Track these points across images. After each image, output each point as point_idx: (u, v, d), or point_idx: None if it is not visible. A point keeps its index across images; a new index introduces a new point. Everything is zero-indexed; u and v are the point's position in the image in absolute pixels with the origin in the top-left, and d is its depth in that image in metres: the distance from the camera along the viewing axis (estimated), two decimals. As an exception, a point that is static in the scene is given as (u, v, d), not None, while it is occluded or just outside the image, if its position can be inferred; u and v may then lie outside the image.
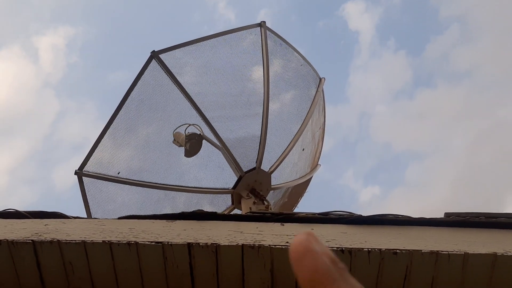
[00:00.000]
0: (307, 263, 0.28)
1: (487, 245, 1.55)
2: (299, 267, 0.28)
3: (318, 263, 0.27)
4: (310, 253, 0.28)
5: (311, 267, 0.27)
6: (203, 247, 1.49)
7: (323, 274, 0.27)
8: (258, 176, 3.86)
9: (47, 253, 1.50)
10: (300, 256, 0.28)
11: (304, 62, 4.62)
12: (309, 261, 0.28)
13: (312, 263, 0.27)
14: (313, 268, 0.27)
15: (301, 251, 0.28)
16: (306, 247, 0.28)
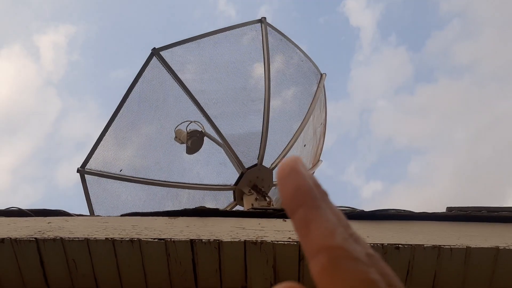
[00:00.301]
0: (290, 181, 0.29)
1: (489, 239, 1.55)
2: (284, 185, 0.29)
3: (301, 182, 0.29)
4: (294, 173, 0.29)
5: (294, 185, 0.28)
6: (205, 243, 1.50)
7: (304, 192, 0.28)
8: (260, 172, 3.86)
9: (50, 250, 1.51)
10: (285, 175, 0.29)
11: (305, 58, 4.61)
12: (293, 180, 0.29)
13: (296, 182, 0.29)
14: (295, 186, 0.28)
15: (286, 170, 0.29)
16: (292, 167, 0.29)
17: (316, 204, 0.28)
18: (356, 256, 0.25)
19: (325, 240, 0.26)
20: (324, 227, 0.27)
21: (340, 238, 0.26)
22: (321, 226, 0.27)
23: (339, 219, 0.28)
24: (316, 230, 0.27)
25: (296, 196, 0.28)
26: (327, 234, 0.26)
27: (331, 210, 0.28)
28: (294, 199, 0.28)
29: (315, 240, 0.26)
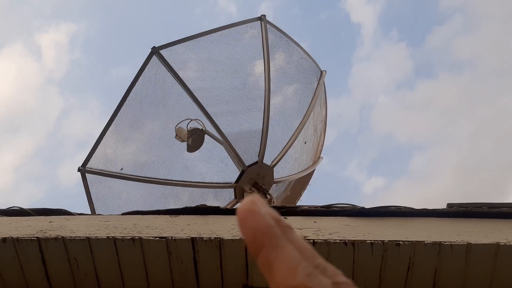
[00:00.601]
0: (249, 224, 0.28)
1: (490, 235, 1.55)
2: (243, 229, 0.29)
3: (259, 223, 0.28)
4: (251, 215, 0.29)
5: (253, 227, 0.28)
6: (206, 241, 1.50)
7: (264, 232, 0.28)
8: (260, 170, 3.86)
9: (52, 249, 1.52)
10: (242, 219, 0.29)
11: (304, 55, 4.61)
12: (251, 221, 0.28)
13: (254, 223, 0.28)
14: (255, 228, 0.28)
15: (243, 214, 0.29)
16: (249, 209, 0.29)
17: (275, 243, 0.27)
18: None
19: (287, 280, 0.26)
20: (285, 267, 0.26)
21: (302, 275, 0.26)
22: (282, 265, 0.26)
23: (302, 252, 0.27)
24: (278, 270, 0.26)
25: (255, 238, 0.28)
26: (289, 273, 0.26)
27: (293, 245, 0.27)
28: (254, 242, 0.28)
29: (278, 280, 0.26)
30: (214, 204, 3.87)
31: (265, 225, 0.28)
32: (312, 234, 1.52)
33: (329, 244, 1.48)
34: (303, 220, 1.68)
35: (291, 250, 0.27)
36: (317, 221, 1.67)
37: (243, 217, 0.29)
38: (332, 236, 1.52)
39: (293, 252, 0.27)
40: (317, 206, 1.82)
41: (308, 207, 1.83)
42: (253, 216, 0.29)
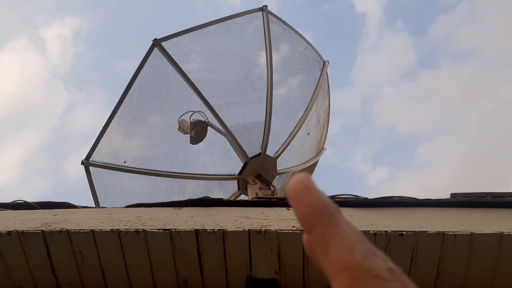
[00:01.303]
0: (304, 199, 0.28)
1: (494, 224, 1.55)
2: (297, 203, 0.28)
3: (315, 199, 0.28)
4: (308, 190, 0.28)
5: (308, 203, 0.28)
6: (210, 233, 1.51)
7: (321, 209, 0.28)
8: (263, 161, 3.86)
9: (56, 242, 1.53)
10: (297, 193, 0.29)
11: (307, 46, 4.58)
12: (307, 197, 0.28)
13: (310, 199, 0.28)
14: (311, 203, 0.28)
15: (299, 188, 0.29)
16: (304, 184, 0.29)
17: (333, 221, 0.27)
18: (377, 273, 0.25)
19: (345, 258, 0.26)
20: (343, 245, 0.26)
21: (360, 255, 0.25)
22: (340, 243, 0.26)
23: (356, 234, 0.27)
24: (335, 248, 0.26)
25: (310, 214, 0.28)
26: (347, 252, 0.26)
27: (348, 226, 0.27)
28: (309, 218, 0.28)
29: (334, 259, 0.26)
30: (219, 196, 3.88)
31: (322, 202, 0.28)
32: (315, 225, 1.53)
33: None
34: (306, 211, 1.68)
35: (348, 230, 0.27)
36: (320, 212, 1.67)
37: (298, 191, 0.29)
38: (335, 227, 1.52)
39: (350, 231, 0.27)
40: (320, 197, 1.82)
41: (311, 198, 1.83)
42: (309, 191, 0.28)
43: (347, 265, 0.25)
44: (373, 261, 0.25)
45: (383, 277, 0.24)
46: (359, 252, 0.26)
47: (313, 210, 0.28)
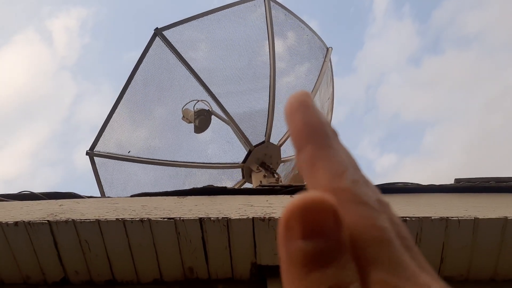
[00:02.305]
0: (299, 115, 0.26)
1: (498, 209, 1.55)
2: (292, 119, 0.26)
3: (311, 118, 0.26)
4: (304, 107, 0.26)
5: (303, 120, 0.26)
6: (214, 221, 1.52)
7: (315, 128, 0.25)
8: (267, 149, 3.87)
9: (63, 232, 1.54)
10: (294, 109, 0.26)
11: (310, 32, 4.55)
12: (303, 114, 0.26)
13: (306, 117, 0.26)
14: (305, 121, 0.26)
15: (295, 104, 0.26)
16: (302, 101, 0.27)
17: (327, 143, 0.25)
18: (365, 200, 0.23)
19: (333, 182, 0.23)
20: (332, 168, 0.24)
21: (349, 181, 0.23)
22: (330, 166, 0.24)
23: (350, 160, 0.25)
24: (324, 170, 0.24)
25: (305, 131, 0.25)
26: (336, 175, 0.24)
27: (342, 150, 0.25)
28: (303, 135, 0.25)
29: (321, 181, 0.24)
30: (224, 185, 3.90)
31: (318, 121, 0.26)
32: (319, 212, 1.53)
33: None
34: (310, 199, 1.69)
35: (342, 154, 0.25)
36: (323, 199, 1.68)
37: (295, 107, 0.26)
38: (338, 214, 1.52)
39: (344, 156, 0.25)
40: (324, 184, 1.82)
41: (315, 185, 1.83)
42: (306, 108, 0.26)
43: (334, 188, 0.23)
44: (362, 188, 0.23)
45: (371, 205, 0.23)
46: (349, 177, 0.23)
47: (306, 128, 0.25)
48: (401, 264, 0.21)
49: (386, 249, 0.21)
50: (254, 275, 1.57)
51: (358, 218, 0.22)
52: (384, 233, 0.21)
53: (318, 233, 0.21)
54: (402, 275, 0.20)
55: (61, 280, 1.59)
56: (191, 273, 1.58)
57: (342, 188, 0.23)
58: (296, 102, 0.26)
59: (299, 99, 0.27)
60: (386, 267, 0.21)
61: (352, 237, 0.21)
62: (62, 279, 1.59)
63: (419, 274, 0.21)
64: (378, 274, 0.20)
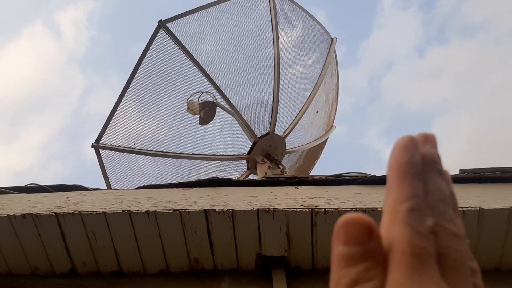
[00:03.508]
0: (398, 154, 0.30)
1: (503, 200, 1.55)
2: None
3: (405, 157, 0.30)
4: (408, 146, 0.30)
5: (396, 159, 0.30)
6: (219, 213, 1.53)
7: (402, 169, 0.30)
8: (272, 140, 3.87)
9: (70, 224, 1.56)
10: (397, 147, 0.31)
11: (314, 23, 4.52)
12: (401, 152, 0.30)
13: (401, 155, 0.30)
14: (398, 160, 0.30)
15: (402, 143, 0.31)
16: (409, 140, 0.31)
17: (410, 176, 0.30)
18: (412, 224, 0.27)
19: (394, 205, 0.29)
20: (399, 195, 0.29)
21: (406, 207, 0.28)
22: (398, 193, 0.29)
23: (431, 193, 0.29)
24: (391, 196, 0.29)
25: (402, 168, 0.30)
26: (397, 202, 0.28)
27: (423, 183, 0.30)
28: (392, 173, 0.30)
29: (387, 204, 0.29)
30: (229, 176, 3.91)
31: (407, 161, 0.30)
32: (323, 203, 1.54)
33: (340, 212, 1.49)
34: (314, 190, 1.70)
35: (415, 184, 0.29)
36: (328, 190, 1.69)
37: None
38: (343, 205, 1.53)
39: (415, 188, 0.29)
40: (328, 176, 1.82)
41: (319, 176, 1.84)
42: (406, 148, 0.30)
43: (392, 210, 0.28)
44: (419, 216, 0.28)
45: (416, 228, 0.27)
46: (407, 205, 0.28)
47: (395, 167, 0.30)
48: (418, 272, 0.25)
49: (407, 258, 0.26)
50: (259, 265, 1.58)
51: (401, 235, 0.27)
52: (412, 248, 0.26)
53: (353, 242, 0.28)
54: (416, 279, 0.25)
55: (69, 271, 1.62)
56: (197, 263, 1.60)
57: (397, 210, 0.28)
58: (406, 141, 0.31)
59: (408, 138, 0.31)
60: (403, 271, 0.25)
61: (390, 247, 0.27)
62: (69, 270, 1.62)
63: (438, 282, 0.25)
64: (394, 274, 0.26)
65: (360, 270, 0.27)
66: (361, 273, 0.27)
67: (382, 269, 0.27)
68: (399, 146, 0.31)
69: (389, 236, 0.27)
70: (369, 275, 0.27)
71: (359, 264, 0.27)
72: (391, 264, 0.26)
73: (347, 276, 0.27)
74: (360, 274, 0.27)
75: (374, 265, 0.27)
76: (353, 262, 0.27)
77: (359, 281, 0.26)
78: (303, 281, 1.54)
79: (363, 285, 0.26)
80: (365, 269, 0.27)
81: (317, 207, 1.51)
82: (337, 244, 0.28)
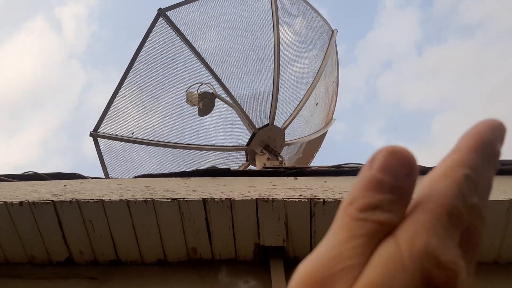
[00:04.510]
0: (484, 129, 0.29)
1: (503, 191, 1.54)
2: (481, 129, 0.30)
3: (489, 135, 0.29)
4: (496, 130, 0.30)
5: (480, 131, 0.29)
6: (218, 202, 1.52)
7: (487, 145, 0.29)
8: (271, 132, 3.86)
9: (67, 212, 1.55)
10: (486, 123, 0.30)
11: (315, 14, 4.49)
12: (488, 130, 0.29)
13: (487, 132, 0.29)
14: (490, 138, 0.29)
15: (494, 124, 0.30)
16: (500, 125, 0.30)
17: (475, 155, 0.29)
18: (459, 186, 0.26)
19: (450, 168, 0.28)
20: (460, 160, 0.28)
21: (461, 173, 0.27)
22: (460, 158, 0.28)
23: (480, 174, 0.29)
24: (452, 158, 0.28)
25: (480, 142, 0.29)
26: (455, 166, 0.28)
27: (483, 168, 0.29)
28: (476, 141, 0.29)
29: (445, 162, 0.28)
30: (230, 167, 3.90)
31: (494, 143, 0.29)
32: (323, 194, 1.53)
33: (339, 203, 1.48)
34: (313, 180, 1.69)
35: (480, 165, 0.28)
36: (327, 181, 1.68)
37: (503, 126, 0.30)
38: (342, 196, 1.52)
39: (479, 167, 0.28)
40: (327, 166, 1.81)
41: (319, 167, 1.83)
42: (500, 133, 0.30)
43: (447, 168, 0.28)
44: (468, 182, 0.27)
45: (461, 188, 0.26)
46: (462, 171, 0.27)
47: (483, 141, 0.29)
48: (444, 228, 0.25)
49: (442, 212, 0.25)
50: (257, 255, 1.58)
51: (448, 191, 0.26)
52: (452, 208, 0.25)
53: (389, 172, 0.26)
54: (440, 232, 0.25)
55: (66, 259, 1.61)
56: (195, 253, 1.59)
57: (455, 170, 0.27)
58: (497, 123, 0.30)
59: (499, 124, 0.31)
60: (432, 219, 0.25)
61: (428, 194, 0.26)
62: (66, 259, 1.61)
63: None
64: (421, 216, 0.25)
65: (384, 198, 0.26)
66: (384, 201, 0.26)
67: (404, 209, 0.26)
68: (489, 124, 0.30)
69: (434, 185, 0.27)
70: (390, 208, 0.26)
71: (386, 194, 0.26)
72: (420, 207, 0.26)
73: (368, 198, 0.26)
74: (382, 202, 0.26)
75: (400, 201, 0.26)
76: (381, 189, 0.26)
77: (378, 207, 0.26)
78: (301, 271, 1.54)
79: (380, 213, 0.26)
80: (390, 201, 0.26)
81: (316, 197, 1.50)
82: (370, 168, 0.27)
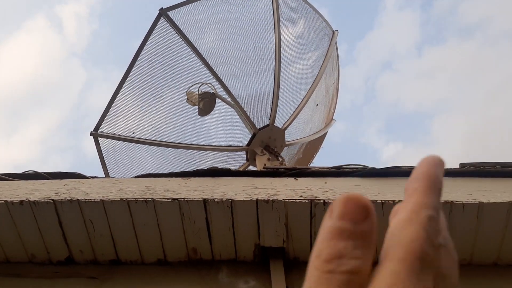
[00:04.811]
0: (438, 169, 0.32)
1: (503, 194, 1.54)
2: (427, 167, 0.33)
3: (437, 172, 0.32)
4: (439, 166, 0.32)
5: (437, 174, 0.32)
6: (218, 202, 1.52)
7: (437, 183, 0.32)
8: (272, 132, 3.86)
9: (67, 212, 1.55)
10: (430, 160, 0.33)
11: (316, 15, 4.49)
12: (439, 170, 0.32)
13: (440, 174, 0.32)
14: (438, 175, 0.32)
15: (436, 159, 0.33)
16: (441, 160, 0.33)
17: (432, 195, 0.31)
18: (424, 227, 0.28)
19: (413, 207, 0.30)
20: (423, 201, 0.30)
21: (425, 215, 0.29)
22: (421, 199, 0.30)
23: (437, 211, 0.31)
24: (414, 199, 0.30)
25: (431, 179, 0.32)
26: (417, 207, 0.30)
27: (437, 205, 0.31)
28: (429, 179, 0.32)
29: (407, 204, 0.31)
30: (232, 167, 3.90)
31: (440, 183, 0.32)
32: (323, 195, 1.53)
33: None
34: (313, 181, 1.69)
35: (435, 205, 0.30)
36: (327, 181, 1.68)
37: (437, 161, 0.33)
38: (342, 197, 1.52)
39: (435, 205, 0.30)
40: (328, 167, 1.82)
41: (319, 168, 1.83)
42: (441, 169, 0.32)
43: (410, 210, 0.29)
44: (431, 223, 0.28)
45: (424, 227, 0.28)
46: (425, 213, 0.29)
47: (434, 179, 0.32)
48: (418, 276, 0.26)
49: (414, 259, 0.26)
50: (257, 256, 1.58)
51: (415, 236, 0.27)
52: (421, 253, 0.26)
53: (347, 218, 0.28)
54: (414, 280, 0.25)
55: (66, 259, 1.61)
56: (195, 253, 1.59)
57: (418, 213, 0.29)
58: (439, 160, 0.33)
59: (440, 160, 0.33)
60: (405, 268, 0.26)
61: (397, 241, 0.27)
62: (66, 258, 1.61)
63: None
64: (394, 266, 0.26)
65: (347, 245, 0.27)
66: (348, 248, 0.27)
67: (369, 252, 0.27)
68: (433, 160, 0.33)
69: (402, 231, 0.27)
70: (355, 254, 0.26)
71: (348, 241, 0.27)
72: (391, 256, 0.26)
73: (333, 248, 0.27)
74: (346, 249, 0.27)
75: (363, 246, 0.27)
76: (343, 237, 0.27)
77: (343, 255, 0.26)
78: (301, 272, 1.54)
79: (346, 262, 0.26)
80: (353, 246, 0.27)
81: (316, 198, 1.50)
82: (330, 217, 0.29)
